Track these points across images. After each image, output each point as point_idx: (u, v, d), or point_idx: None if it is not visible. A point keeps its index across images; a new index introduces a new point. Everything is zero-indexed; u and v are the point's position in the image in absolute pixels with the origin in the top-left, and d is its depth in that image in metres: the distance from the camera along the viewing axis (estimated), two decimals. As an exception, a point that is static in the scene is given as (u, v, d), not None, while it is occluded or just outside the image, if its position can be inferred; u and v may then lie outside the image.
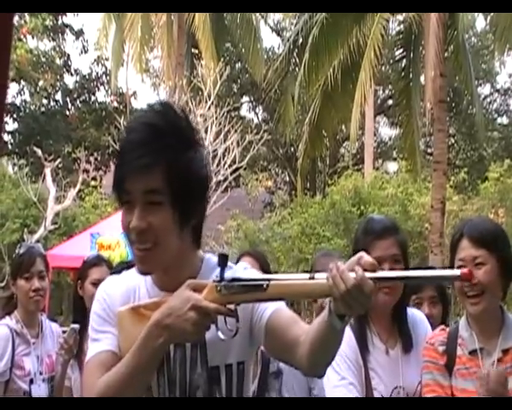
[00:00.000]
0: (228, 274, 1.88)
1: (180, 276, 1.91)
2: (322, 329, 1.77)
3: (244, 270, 2.00)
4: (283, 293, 1.81)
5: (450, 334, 2.78)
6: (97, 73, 26.49)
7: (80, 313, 4.09)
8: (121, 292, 2.01)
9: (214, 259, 2.01)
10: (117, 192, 1.93)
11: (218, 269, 1.88)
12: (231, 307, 1.85)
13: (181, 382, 1.96)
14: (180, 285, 1.86)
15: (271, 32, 30.20)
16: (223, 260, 1.85)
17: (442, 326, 2.90)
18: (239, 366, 2.00)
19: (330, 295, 1.70)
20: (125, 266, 3.84)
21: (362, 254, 1.69)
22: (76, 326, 3.97)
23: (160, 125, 1.91)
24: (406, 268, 2.83)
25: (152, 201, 1.88)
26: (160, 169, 1.87)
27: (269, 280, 1.81)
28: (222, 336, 1.86)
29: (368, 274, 1.65)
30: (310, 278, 1.75)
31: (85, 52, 26.67)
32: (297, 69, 16.60)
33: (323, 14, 15.27)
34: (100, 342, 1.96)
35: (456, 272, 1.78)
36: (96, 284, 4.21)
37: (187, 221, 1.92)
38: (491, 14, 16.15)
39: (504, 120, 29.02)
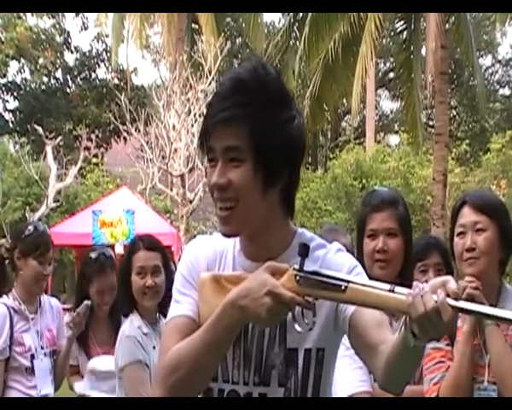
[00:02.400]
0: (319, 253, 1.85)
1: (269, 245, 1.86)
2: (397, 344, 1.69)
3: (336, 253, 1.91)
4: (360, 299, 1.73)
5: None
6: (97, 50, 26.43)
7: (82, 295, 4.13)
8: (208, 254, 1.94)
9: (308, 234, 1.95)
10: (201, 149, 1.88)
11: (314, 248, 1.84)
12: (309, 299, 1.77)
13: (256, 357, 1.89)
14: (269, 256, 1.81)
15: (271, 6, 30.07)
16: (303, 250, 1.77)
17: None
18: (318, 352, 1.90)
19: (406, 313, 1.62)
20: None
21: (449, 278, 1.61)
22: (89, 302, 4.01)
23: (247, 79, 1.84)
24: (406, 242, 2.82)
25: (233, 157, 1.82)
26: (244, 124, 1.80)
27: (348, 282, 1.73)
28: (298, 328, 1.79)
29: (449, 301, 1.57)
30: (390, 290, 1.68)
31: (85, 29, 26.62)
32: (297, 43, 16.53)
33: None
34: (180, 305, 1.91)
35: None
36: (100, 292, 4.22)
37: (271, 182, 1.83)
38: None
39: (506, 91, 28.97)
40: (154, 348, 3.45)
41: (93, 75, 26.64)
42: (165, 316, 3.46)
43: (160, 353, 1.90)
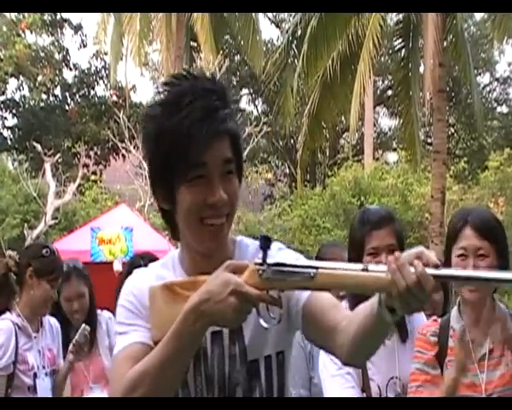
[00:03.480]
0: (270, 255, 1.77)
1: (221, 258, 1.78)
2: (369, 321, 1.65)
3: (278, 251, 1.87)
4: (332, 284, 1.67)
5: (442, 325, 2.78)
6: (96, 68, 26.47)
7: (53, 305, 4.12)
8: (151, 283, 1.85)
9: (246, 241, 1.94)
10: (186, 166, 1.77)
11: (254, 252, 1.82)
12: (274, 293, 1.72)
13: (219, 380, 1.84)
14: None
15: (270, 24, 30.20)
16: (265, 243, 1.72)
17: (434, 317, 2.89)
18: (278, 356, 1.88)
19: (386, 291, 1.58)
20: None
21: (421, 249, 1.58)
22: (87, 327, 3.99)
23: (219, 91, 1.82)
24: None
25: (229, 170, 1.81)
26: (229, 137, 1.81)
27: (317, 268, 1.67)
28: (265, 324, 1.73)
29: (429, 271, 1.55)
30: (363, 270, 1.63)
31: (84, 46, 26.65)
32: (296, 61, 16.56)
33: (321, 5, 15.23)
34: (128, 335, 1.82)
35: None
36: (68, 300, 4.22)
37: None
38: (490, 2, 16.09)
39: (504, 108, 29.03)
40: None
41: (92, 92, 26.67)
42: None
43: (114, 381, 1.79)
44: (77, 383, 4.17)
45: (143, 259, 3.61)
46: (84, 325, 4.02)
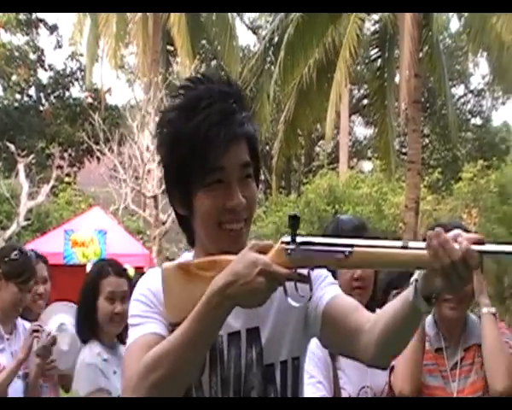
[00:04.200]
0: None
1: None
2: (401, 312, 1.60)
3: None
4: (370, 262, 1.62)
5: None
6: (72, 69, 26.35)
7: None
8: None
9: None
10: (205, 171, 1.73)
11: None
12: (304, 271, 1.67)
13: (235, 382, 1.78)
14: None
15: (247, 30, 30.25)
16: (294, 222, 1.66)
17: None
18: (294, 361, 1.83)
19: (426, 268, 1.54)
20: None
21: (460, 230, 1.55)
22: (55, 334, 3.94)
23: (236, 94, 1.80)
24: None
25: (247, 174, 1.78)
26: (245, 140, 1.78)
27: (352, 246, 1.62)
28: (294, 303, 1.67)
29: (474, 246, 1.51)
30: (402, 247, 1.57)
31: (59, 47, 26.52)
32: (272, 67, 16.61)
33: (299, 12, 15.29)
34: (143, 326, 1.75)
35: None
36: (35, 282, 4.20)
37: None
38: (465, 15, 16.27)
39: (478, 120, 29.28)
40: (114, 373, 3.38)
41: (67, 94, 26.53)
42: (122, 342, 3.43)
43: (127, 370, 1.70)
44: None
45: (112, 266, 3.56)
46: (54, 332, 3.97)
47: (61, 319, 3.84)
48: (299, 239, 1.66)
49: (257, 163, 1.83)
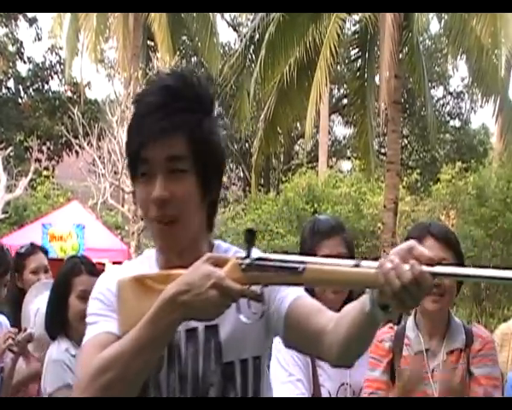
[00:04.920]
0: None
1: (192, 261, 1.68)
2: (359, 320, 1.60)
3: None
4: (322, 280, 1.61)
5: (397, 332, 2.81)
6: (51, 62, 26.20)
7: (18, 305, 4.05)
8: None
9: (224, 245, 1.90)
10: (133, 163, 1.77)
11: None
12: (257, 288, 1.66)
13: (193, 379, 1.78)
14: None
15: (228, 27, 30.23)
16: (250, 237, 1.66)
17: (390, 324, 2.90)
18: (255, 361, 1.83)
19: (379, 288, 1.51)
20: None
21: (413, 243, 1.52)
22: (32, 331, 3.91)
23: (179, 87, 1.77)
24: None
25: (175, 168, 1.74)
26: (183, 133, 1.73)
27: (305, 263, 1.61)
28: (245, 320, 1.68)
29: (425, 268, 1.48)
30: (354, 266, 1.56)
31: (39, 40, 26.35)
32: (253, 65, 16.58)
33: (280, 11, 15.30)
34: (99, 324, 1.75)
35: None
36: (35, 272, 4.20)
37: (207, 194, 1.79)
38: (446, 17, 16.34)
39: (456, 122, 29.44)
40: None
41: (46, 87, 26.37)
42: None
43: (81, 367, 1.70)
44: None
45: (85, 265, 3.55)
46: (29, 330, 3.94)
47: (41, 301, 3.81)
48: (253, 255, 1.65)
49: (199, 157, 1.76)
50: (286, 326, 1.78)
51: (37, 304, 3.84)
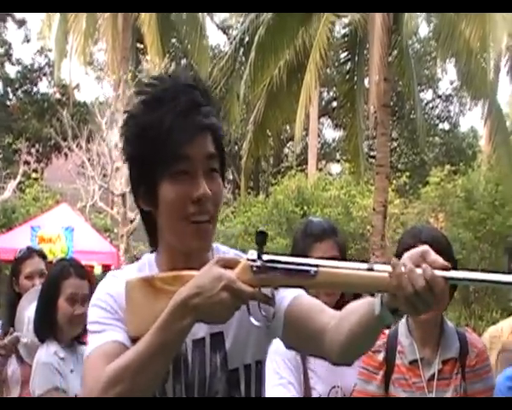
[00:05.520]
0: None
1: (200, 264, 1.67)
2: (366, 320, 1.59)
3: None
4: (335, 283, 1.61)
5: (390, 338, 2.76)
6: (40, 64, 26.13)
7: (15, 310, 4.05)
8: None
9: (222, 248, 1.88)
10: (171, 160, 1.71)
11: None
12: (267, 291, 1.65)
13: (199, 388, 1.76)
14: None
15: (217, 30, 30.19)
16: (261, 238, 1.64)
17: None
18: (257, 365, 1.83)
19: (392, 292, 1.51)
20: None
21: (426, 248, 1.52)
22: (18, 334, 3.90)
23: (201, 89, 1.79)
24: None
25: (212, 167, 1.75)
26: (211, 134, 1.76)
27: (317, 266, 1.60)
28: (256, 322, 1.66)
29: (438, 272, 1.49)
30: (368, 269, 1.56)
31: (28, 42, 26.29)
32: (243, 68, 16.59)
33: (270, 13, 15.31)
34: (104, 333, 1.70)
35: None
36: (29, 277, 4.20)
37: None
38: (435, 21, 16.40)
39: (446, 125, 29.50)
40: (71, 371, 3.38)
41: (35, 89, 26.30)
42: (79, 342, 3.42)
43: (88, 382, 1.64)
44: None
45: (74, 268, 3.55)
46: (15, 334, 3.93)
47: (34, 308, 3.80)
48: (265, 257, 1.64)
49: (222, 157, 1.80)
50: (286, 326, 1.77)
51: (31, 311, 3.83)
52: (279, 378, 2.73)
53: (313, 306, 1.78)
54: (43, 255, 4.41)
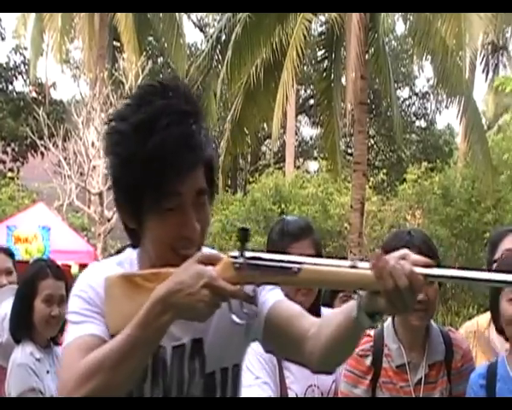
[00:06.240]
0: None
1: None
2: (344, 326, 1.59)
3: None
4: (317, 280, 1.60)
5: (376, 342, 2.74)
6: (15, 62, 25.90)
7: None
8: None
9: (206, 250, 1.85)
10: (162, 196, 1.67)
11: None
12: (250, 291, 1.64)
13: (177, 392, 1.76)
14: None
15: (194, 28, 30.18)
16: (244, 235, 1.64)
17: (367, 331, 2.81)
18: (234, 368, 1.83)
19: (373, 289, 1.52)
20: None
21: (407, 251, 1.52)
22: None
23: (193, 112, 1.72)
24: None
25: (202, 201, 1.72)
26: (203, 167, 1.72)
27: (300, 263, 1.59)
28: (237, 320, 1.65)
29: (418, 269, 1.49)
30: (351, 267, 1.56)
31: (3, 40, 26.02)
32: (220, 66, 16.57)
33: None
34: (83, 325, 1.68)
35: None
36: None
37: None
38: (411, 19, 16.46)
39: (422, 123, 29.64)
40: (47, 372, 3.37)
41: (10, 87, 26.07)
42: (55, 343, 3.40)
43: (65, 371, 1.63)
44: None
45: (51, 268, 3.52)
46: None
47: (8, 306, 3.77)
48: (247, 254, 1.63)
49: (212, 187, 1.78)
50: (265, 331, 1.77)
51: (4, 309, 3.80)
52: (255, 378, 2.73)
53: (294, 311, 1.77)
54: (10, 253, 4.37)
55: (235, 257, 1.63)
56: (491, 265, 3.16)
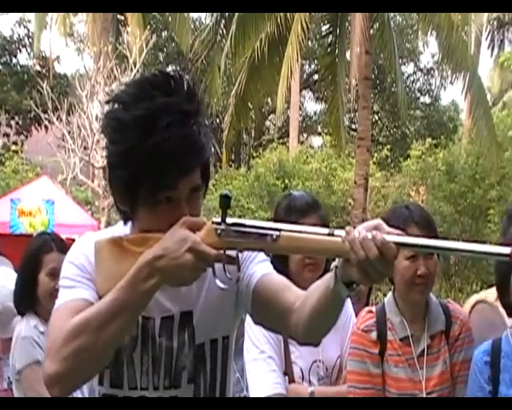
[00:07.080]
0: None
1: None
2: (324, 296, 1.62)
3: None
4: (295, 247, 1.64)
5: (379, 317, 2.77)
6: (19, 35, 25.80)
7: None
8: None
9: None
10: (158, 189, 1.73)
11: None
12: (232, 253, 1.69)
13: (166, 362, 1.81)
14: None
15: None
16: (225, 202, 1.68)
17: (368, 308, 2.88)
18: (224, 340, 1.88)
19: (346, 256, 1.53)
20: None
21: (380, 221, 1.54)
22: None
23: (194, 110, 1.76)
24: None
25: (196, 196, 1.78)
26: (201, 166, 1.79)
27: (279, 230, 1.63)
28: (221, 285, 1.70)
29: (390, 238, 1.50)
30: (328, 234, 1.58)
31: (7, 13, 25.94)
32: (224, 40, 16.50)
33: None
34: (74, 290, 1.75)
35: (503, 249, 1.49)
36: None
37: None
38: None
39: (427, 99, 29.53)
40: None
41: (14, 60, 25.99)
42: None
43: (53, 330, 1.70)
44: None
45: (55, 242, 3.53)
46: None
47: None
48: (229, 220, 1.68)
49: (207, 182, 1.84)
50: (254, 303, 1.81)
51: None
52: (259, 353, 2.75)
53: (281, 284, 1.81)
54: None
55: (218, 223, 1.68)
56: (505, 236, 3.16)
